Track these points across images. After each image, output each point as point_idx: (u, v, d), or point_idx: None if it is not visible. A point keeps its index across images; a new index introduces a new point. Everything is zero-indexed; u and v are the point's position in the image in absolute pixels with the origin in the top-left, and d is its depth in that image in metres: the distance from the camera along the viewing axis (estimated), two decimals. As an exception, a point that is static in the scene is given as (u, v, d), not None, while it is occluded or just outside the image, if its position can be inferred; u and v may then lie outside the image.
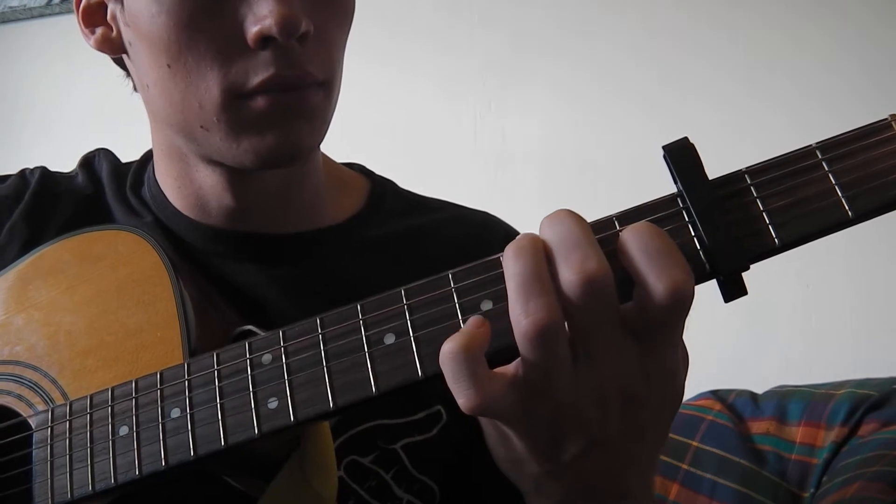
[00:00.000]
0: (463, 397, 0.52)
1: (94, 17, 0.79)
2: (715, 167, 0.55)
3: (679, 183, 0.54)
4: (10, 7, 2.55)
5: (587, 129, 2.04)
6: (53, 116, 2.51)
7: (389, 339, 0.57)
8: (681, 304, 0.51)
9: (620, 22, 2.06)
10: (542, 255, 0.53)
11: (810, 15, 1.91)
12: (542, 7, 2.13)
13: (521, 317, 0.51)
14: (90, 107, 2.42)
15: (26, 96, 2.57)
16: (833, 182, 0.52)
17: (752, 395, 1.51)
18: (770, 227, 0.53)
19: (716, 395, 1.54)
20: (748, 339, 1.79)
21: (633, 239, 0.52)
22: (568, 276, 0.51)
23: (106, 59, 0.84)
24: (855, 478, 1.25)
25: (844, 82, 1.84)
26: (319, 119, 0.76)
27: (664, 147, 0.55)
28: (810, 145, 0.53)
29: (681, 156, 0.54)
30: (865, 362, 1.63)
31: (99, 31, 0.80)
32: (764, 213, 0.53)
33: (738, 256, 0.52)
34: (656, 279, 0.51)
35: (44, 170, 0.92)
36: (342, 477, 0.76)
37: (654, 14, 2.04)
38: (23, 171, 0.92)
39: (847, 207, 0.52)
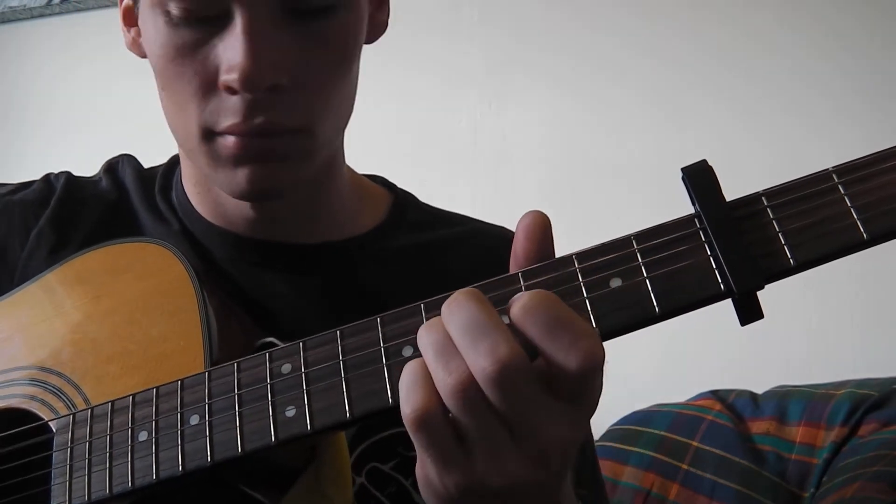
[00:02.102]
0: (409, 403, 0.52)
1: (129, 18, 0.81)
2: (718, 165, 0.56)
3: (697, 204, 0.55)
4: (10, 7, 2.54)
5: (588, 127, 2.04)
6: (52, 116, 2.50)
7: (407, 351, 0.58)
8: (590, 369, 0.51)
9: (622, 19, 2.05)
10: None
11: (809, 12, 1.91)
12: (542, 4, 2.12)
13: (445, 376, 0.51)
14: (89, 106, 2.41)
15: (26, 96, 2.57)
16: (849, 205, 0.53)
17: (752, 395, 1.52)
18: (786, 247, 0.53)
19: (716, 395, 1.54)
20: (748, 339, 1.79)
21: (522, 315, 0.52)
22: (482, 363, 0.51)
23: (105, 61, 0.84)
24: (855, 478, 1.26)
25: (847, 80, 1.84)
26: (297, 159, 0.75)
27: (683, 169, 0.56)
28: (826, 169, 0.54)
29: (699, 178, 0.55)
30: (866, 362, 1.64)
31: (132, 31, 0.82)
32: (780, 235, 0.54)
33: (754, 276, 0.53)
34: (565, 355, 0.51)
35: (69, 175, 0.92)
36: (363, 483, 0.78)
37: (656, 10, 2.03)
38: (47, 177, 0.92)
39: (862, 230, 0.53)
